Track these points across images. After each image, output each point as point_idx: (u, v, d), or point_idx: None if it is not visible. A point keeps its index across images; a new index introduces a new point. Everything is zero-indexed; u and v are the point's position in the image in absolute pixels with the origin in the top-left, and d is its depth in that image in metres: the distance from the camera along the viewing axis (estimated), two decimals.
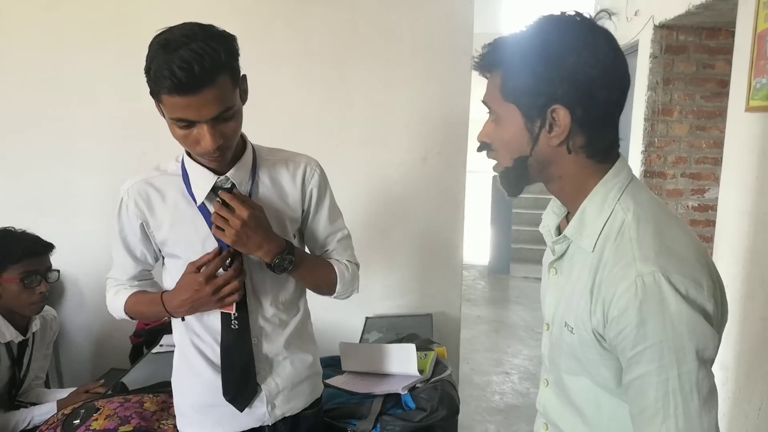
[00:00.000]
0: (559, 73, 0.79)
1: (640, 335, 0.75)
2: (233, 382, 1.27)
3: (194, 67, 1.01)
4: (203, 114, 1.06)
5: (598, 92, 0.81)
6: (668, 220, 0.84)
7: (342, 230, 1.41)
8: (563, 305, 0.90)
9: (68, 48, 2.35)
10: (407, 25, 2.32)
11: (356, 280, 1.42)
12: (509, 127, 0.86)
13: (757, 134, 2.24)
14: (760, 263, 2.19)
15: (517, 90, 0.83)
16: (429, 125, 2.38)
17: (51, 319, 2.07)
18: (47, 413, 1.73)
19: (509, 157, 0.88)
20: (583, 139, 0.84)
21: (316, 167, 1.34)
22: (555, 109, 0.81)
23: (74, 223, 2.45)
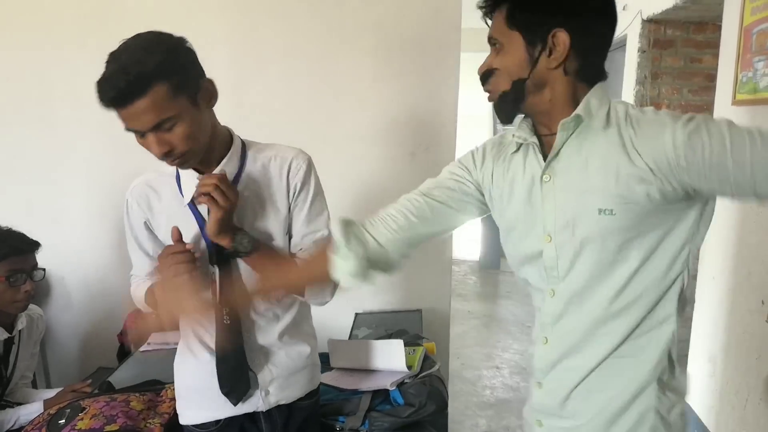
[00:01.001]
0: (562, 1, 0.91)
1: (699, 116, 0.86)
2: (227, 377, 1.30)
3: (120, 83, 1.03)
4: (141, 124, 1.08)
5: (594, 22, 0.92)
6: None
7: (322, 231, 1.32)
8: (583, 199, 0.93)
9: (52, 45, 2.32)
10: (395, 20, 2.31)
11: (329, 286, 1.30)
12: (512, 53, 0.94)
13: None
14: (748, 256, 2.21)
15: (522, 17, 0.92)
16: (417, 121, 2.38)
17: (37, 317, 2.05)
18: (33, 413, 1.71)
19: (509, 80, 0.95)
20: (577, 63, 0.93)
21: (303, 161, 1.31)
22: (556, 33, 0.90)
23: (61, 222, 2.42)
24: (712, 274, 2.46)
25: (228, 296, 1.26)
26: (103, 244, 2.44)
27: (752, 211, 2.17)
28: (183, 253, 1.16)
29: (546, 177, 0.98)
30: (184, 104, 1.10)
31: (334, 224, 1.12)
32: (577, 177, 0.94)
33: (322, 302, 1.34)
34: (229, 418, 1.34)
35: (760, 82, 2.12)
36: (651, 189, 0.88)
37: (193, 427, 1.36)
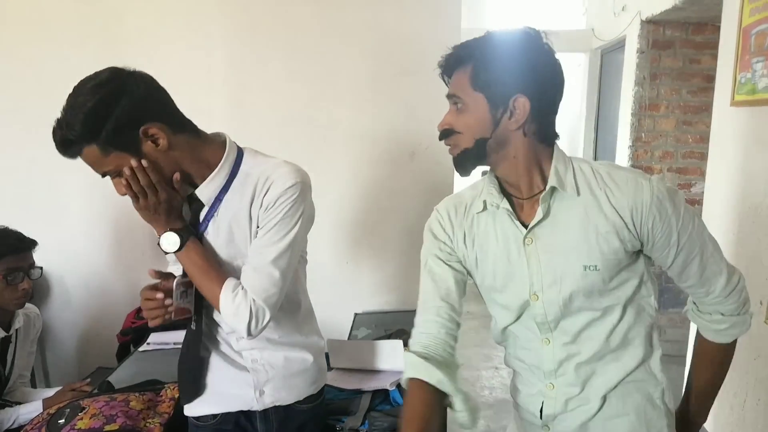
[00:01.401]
0: (524, 68, 0.97)
1: (676, 212, 1.00)
2: (182, 378, 1.35)
3: (57, 140, 1.11)
4: (96, 169, 1.14)
5: (549, 89, 1.00)
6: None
7: (265, 258, 1.19)
8: (567, 258, 1.02)
9: (52, 44, 2.31)
10: (395, 20, 2.31)
11: (243, 321, 1.17)
12: (475, 113, 0.99)
13: (742, 128, 2.25)
14: (746, 257, 2.21)
15: (487, 80, 0.97)
16: (417, 121, 2.38)
17: (34, 316, 2.06)
18: (32, 412, 1.72)
19: (472, 138, 1.00)
20: (535, 125, 1.01)
21: (285, 183, 1.19)
22: (517, 98, 0.97)
23: (59, 221, 2.42)
24: None
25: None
26: (102, 243, 2.44)
27: (750, 212, 2.18)
28: (152, 301, 1.18)
29: (528, 240, 1.04)
30: (120, 157, 1.12)
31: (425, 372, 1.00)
32: (559, 238, 1.02)
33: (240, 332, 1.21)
34: (225, 413, 1.35)
35: (758, 83, 2.13)
36: (626, 239, 1.00)
37: (193, 419, 1.39)
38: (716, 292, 1.05)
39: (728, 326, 1.07)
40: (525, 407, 1.14)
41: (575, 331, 1.05)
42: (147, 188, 1.14)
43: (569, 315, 1.04)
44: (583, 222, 1.01)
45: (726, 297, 1.05)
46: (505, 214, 1.06)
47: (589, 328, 1.05)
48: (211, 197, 1.23)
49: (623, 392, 1.07)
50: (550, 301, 1.04)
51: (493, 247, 1.08)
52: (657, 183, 0.99)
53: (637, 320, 1.07)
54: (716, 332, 1.09)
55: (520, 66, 0.97)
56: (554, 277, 1.03)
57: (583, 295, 1.02)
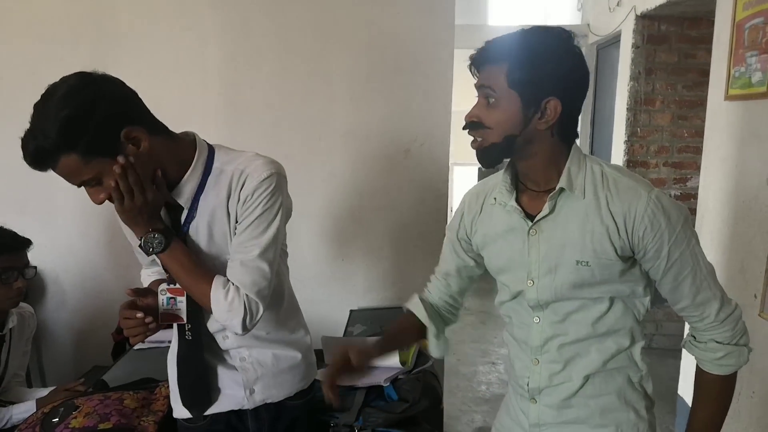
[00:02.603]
0: (558, 72, 1.01)
1: (671, 228, 1.02)
2: (189, 392, 1.31)
3: (30, 151, 1.05)
4: (70, 181, 1.09)
5: (577, 92, 1.05)
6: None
7: (251, 253, 1.19)
8: (561, 250, 1.08)
9: (46, 43, 2.30)
10: (388, 17, 2.30)
11: (237, 316, 1.17)
12: (507, 110, 1.03)
13: (736, 123, 2.26)
14: (740, 250, 2.21)
15: (523, 80, 1.01)
16: (411, 117, 2.38)
17: (28, 315, 2.05)
18: (26, 412, 1.71)
19: (501, 134, 1.04)
20: (562, 126, 1.05)
21: (261, 175, 1.19)
22: (550, 100, 1.01)
23: (54, 221, 2.41)
24: None
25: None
26: (97, 243, 2.43)
27: (745, 206, 2.18)
28: (132, 319, 1.16)
29: (533, 232, 1.11)
30: (102, 163, 1.08)
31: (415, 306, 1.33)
32: (558, 232, 1.08)
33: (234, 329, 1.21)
34: (216, 413, 1.34)
35: (752, 76, 2.13)
36: (617, 243, 1.04)
37: (183, 421, 1.37)
38: (711, 318, 1.06)
39: (724, 355, 1.07)
40: (515, 381, 1.23)
41: (564, 312, 1.12)
42: (135, 186, 1.10)
43: (560, 300, 1.11)
44: (582, 221, 1.06)
45: (721, 323, 1.06)
46: (513, 210, 1.12)
47: (577, 313, 1.11)
48: (189, 198, 1.21)
49: (605, 375, 1.13)
50: (543, 286, 1.11)
51: (501, 234, 1.16)
52: (656, 196, 1.02)
53: (625, 313, 1.12)
54: (713, 363, 1.09)
55: (555, 69, 1.01)
56: (550, 267, 1.10)
57: (573, 286, 1.09)
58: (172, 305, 1.23)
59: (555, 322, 1.13)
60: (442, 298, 1.36)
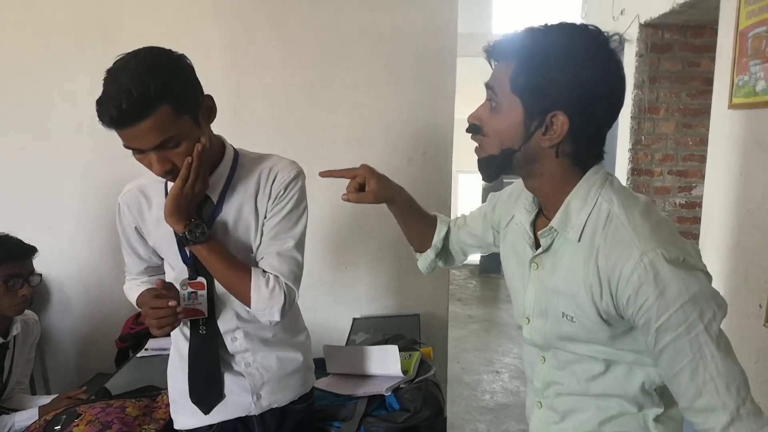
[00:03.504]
0: (570, 82, 0.83)
1: (663, 305, 0.81)
2: (199, 387, 1.31)
3: (122, 104, 1.02)
4: (144, 144, 1.08)
5: (599, 109, 0.86)
6: (646, 204, 0.91)
7: (287, 244, 1.26)
8: (553, 297, 0.94)
9: (49, 51, 2.33)
10: (391, 25, 2.31)
11: (277, 303, 1.21)
12: (507, 118, 0.88)
13: (739, 131, 2.25)
14: (745, 259, 2.20)
15: (527, 86, 0.85)
16: (414, 126, 2.38)
17: (32, 322, 2.06)
18: (29, 419, 1.71)
19: (498, 146, 0.90)
20: (572, 147, 0.89)
21: (291, 172, 1.27)
22: (556, 114, 0.85)
23: (59, 228, 2.43)
24: None
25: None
26: (101, 250, 2.44)
27: (749, 215, 2.17)
28: (163, 309, 1.16)
29: (534, 265, 0.98)
30: (187, 123, 1.10)
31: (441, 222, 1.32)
32: (555, 275, 0.94)
33: (271, 319, 1.24)
34: (222, 422, 1.34)
35: (756, 85, 2.13)
36: (602, 307, 0.87)
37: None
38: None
39: None
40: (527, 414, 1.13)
41: (564, 360, 0.99)
42: (199, 172, 1.13)
43: (551, 348, 0.99)
44: (572, 269, 0.91)
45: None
46: (524, 234, 1.00)
47: (573, 365, 0.97)
48: (218, 193, 1.25)
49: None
50: (535, 329, 1.00)
51: (515, 253, 1.05)
52: (651, 260, 0.81)
53: (629, 379, 0.93)
54: None
55: (566, 77, 0.83)
56: (541, 310, 0.97)
57: (561, 338, 0.96)
58: (193, 300, 1.24)
59: (555, 367, 1.00)
60: (456, 234, 1.31)
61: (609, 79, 0.85)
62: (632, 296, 0.83)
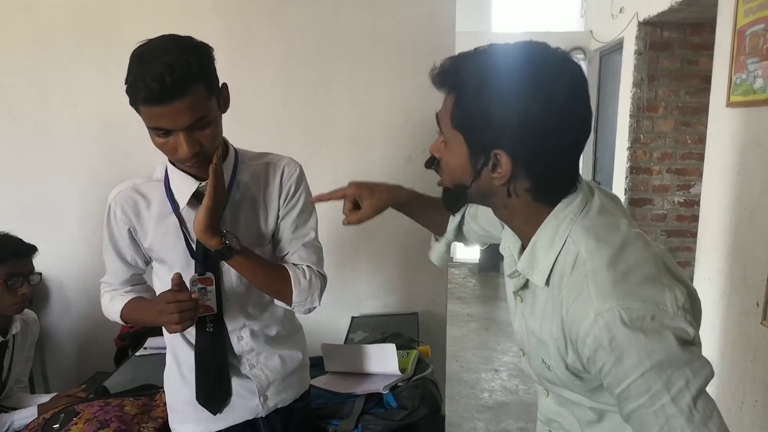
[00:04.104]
0: (508, 117, 0.74)
1: (621, 373, 0.72)
2: (207, 386, 1.30)
3: (166, 79, 1.03)
4: (177, 123, 1.08)
5: (548, 141, 0.76)
6: (623, 242, 0.78)
7: (309, 235, 1.34)
8: (532, 339, 0.88)
9: (49, 50, 2.33)
10: (389, 24, 2.32)
11: (317, 290, 1.30)
12: (453, 154, 0.82)
13: (737, 129, 2.25)
14: (743, 258, 2.20)
15: (465, 121, 0.78)
16: (412, 124, 2.38)
17: (32, 321, 2.07)
18: (27, 418, 1.72)
19: (451, 180, 0.85)
20: (528, 183, 0.79)
21: (296, 168, 1.33)
22: (498, 153, 0.77)
23: (59, 227, 2.44)
24: (708, 276, 2.46)
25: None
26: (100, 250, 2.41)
27: (747, 213, 2.17)
28: (187, 301, 1.16)
29: (519, 299, 0.91)
30: (214, 106, 1.14)
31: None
32: (533, 319, 0.87)
33: (309, 307, 1.31)
34: (229, 428, 1.33)
35: (754, 83, 2.13)
36: (569, 361, 0.81)
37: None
38: None
39: None
40: None
41: (559, 401, 0.93)
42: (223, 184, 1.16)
43: (546, 387, 0.94)
44: (548, 316, 0.83)
45: None
46: (512, 262, 0.93)
47: (567, 406, 0.92)
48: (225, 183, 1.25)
49: None
50: (528, 363, 0.94)
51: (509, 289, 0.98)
52: (606, 322, 0.72)
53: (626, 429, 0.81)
54: None
55: (502, 112, 0.74)
56: (526, 348, 0.92)
57: (547, 381, 0.89)
58: (203, 296, 1.24)
59: (556, 404, 0.95)
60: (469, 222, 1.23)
61: (555, 109, 0.74)
62: (591, 358, 0.75)
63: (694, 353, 0.73)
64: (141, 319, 1.39)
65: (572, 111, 0.76)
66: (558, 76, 0.75)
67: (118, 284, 1.38)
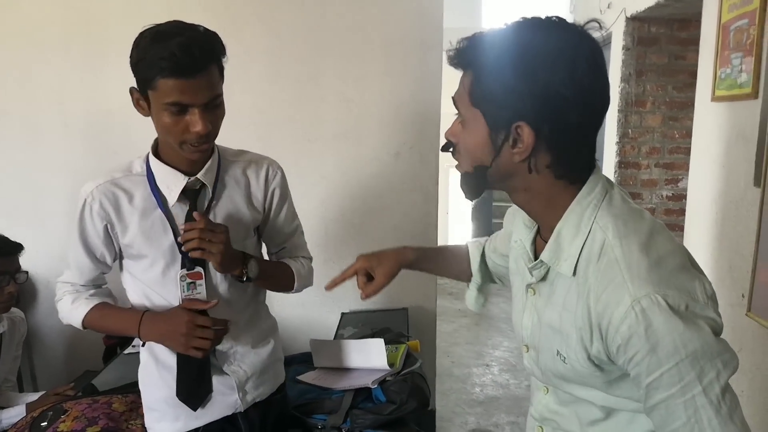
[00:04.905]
0: (530, 88, 0.74)
1: (654, 362, 0.71)
2: (187, 383, 1.29)
3: (194, 51, 1.08)
4: (198, 98, 1.11)
5: (570, 113, 0.75)
6: (651, 230, 0.79)
7: (299, 228, 1.47)
8: (547, 332, 0.87)
9: (36, 48, 2.32)
10: (377, 20, 2.32)
11: (311, 274, 1.48)
12: (473, 133, 0.81)
13: (722, 123, 2.27)
14: (728, 250, 2.23)
15: (485, 97, 0.78)
16: (401, 120, 2.39)
17: (19, 320, 2.06)
18: (16, 416, 1.72)
19: (470, 163, 0.83)
20: (550, 158, 0.79)
21: (278, 168, 1.39)
22: (519, 125, 0.76)
23: (46, 226, 2.42)
24: None
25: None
26: None
27: (732, 206, 2.20)
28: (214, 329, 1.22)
29: (531, 291, 0.90)
30: (221, 88, 1.18)
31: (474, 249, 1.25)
32: (549, 309, 0.86)
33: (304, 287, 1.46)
34: (208, 424, 1.33)
35: (738, 78, 2.15)
36: (593, 351, 0.79)
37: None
38: None
39: None
40: None
41: (562, 399, 0.92)
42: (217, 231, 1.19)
43: (552, 385, 0.92)
44: (565, 307, 0.82)
45: None
46: (524, 253, 0.92)
47: (570, 405, 0.90)
48: (211, 183, 1.27)
49: None
50: (533, 360, 0.93)
51: (518, 272, 0.97)
52: (643, 309, 0.71)
53: (631, 428, 0.85)
54: None
55: (523, 84, 0.74)
56: (537, 343, 0.90)
57: (555, 377, 0.88)
58: (192, 290, 1.25)
59: (557, 402, 0.93)
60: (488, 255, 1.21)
61: (574, 77, 0.74)
62: (622, 346, 0.73)
63: (725, 345, 0.73)
64: (113, 326, 1.34)
65: (592, 82, 0.76)
66: (578, 48, 0.76)
67: (82, 284, 1.34)
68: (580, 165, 0.82)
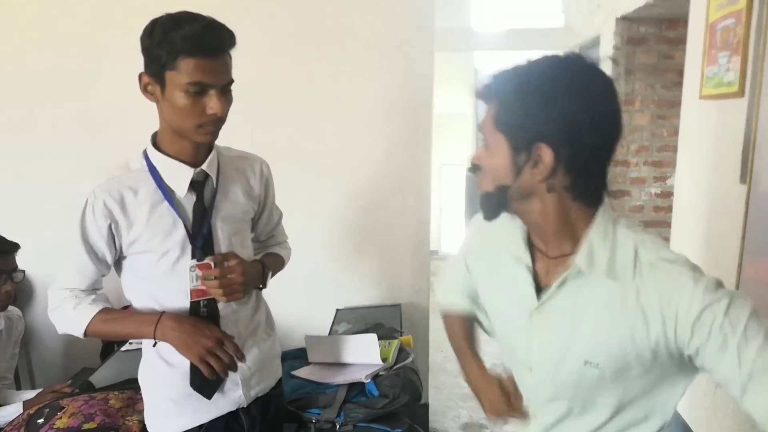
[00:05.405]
0: (549, 113, 0.83)
1: (734, 317, 0.80)
2: (201, 373, 1.27)
3: (218, 32, 1.14)
4: (219, 78, 1.15)
5: (586, 137, 0.83)
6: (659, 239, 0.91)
7: (281, 217, 1.59)
8: (571, 345, 0.91)
9: (30, 46, 2.33)
10: (370, 20, 2.35)
11: (290, 252, 1.63)
12: (496, 155, 0.89)
13: (709, 121, 2.31)
14: (715, 246, 2.26)
15: (508, 122, 0.87)
16: (393, 119, 2.42)
17: (16, 318, 2.08)
18: (12, 414, 1.72)
19: (492, 182, 0.91)
20: (568, 180, 0.87)
21: (267, 164, 1.46)
22: (540, 146, 0.85)
23: (43, 225, 2.41)
24: None
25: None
26: None
27: (719, 202, 2.23)
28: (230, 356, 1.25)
29: (537, 313, 0.95)
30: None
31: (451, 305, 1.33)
32: (569, 323, 0.91)
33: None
34: (213, 420, 1.33)
35: (725, 76, 2.18)
36: (643, 349, 0.86)
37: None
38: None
39: None
40: None
41: (558, 416, 0.98)
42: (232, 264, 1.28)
43: (557, 400, 0.97)
44: (600, 313, 0.88)
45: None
46: (526, 275, 0.97)
47: (567, 420, 0.97)
48: (213, 172, 1.30)
49: None
50: (542, 380, 0.97)
51: (506, 294, 1.01)
52: (706, 287, 0.81)
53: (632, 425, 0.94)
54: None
55: (543, 110, 0.83)
56: (550, 360, 0.94)
57: (577, 387, 0.93)
58: (202, 282, 1.27)
59: (544, 424, 1.00)
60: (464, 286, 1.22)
61: (590, 104, 0.83)
62: (698, 318, 0.81)
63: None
64: (121, 329, 1.31)
65: (606, 111, 0.85)
66: (593, 81, 0.85)
67: (82, 288, 1.31)
68: (594, 189, 0.90)
